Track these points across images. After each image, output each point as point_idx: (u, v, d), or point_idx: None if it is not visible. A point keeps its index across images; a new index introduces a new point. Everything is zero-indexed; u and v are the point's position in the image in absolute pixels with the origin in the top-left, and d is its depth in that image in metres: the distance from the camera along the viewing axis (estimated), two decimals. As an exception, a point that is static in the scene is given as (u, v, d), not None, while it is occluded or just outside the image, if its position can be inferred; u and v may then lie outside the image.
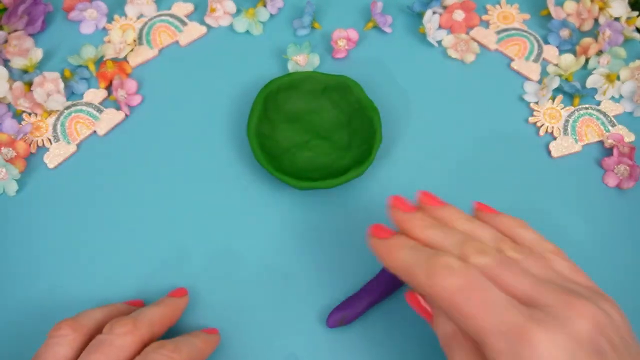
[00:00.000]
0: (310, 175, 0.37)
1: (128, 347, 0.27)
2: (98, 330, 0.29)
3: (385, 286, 0.33)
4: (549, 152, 0.40)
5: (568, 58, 0.43)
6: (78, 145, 0.40)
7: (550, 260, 0.27)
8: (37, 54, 0.42)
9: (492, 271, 0.25)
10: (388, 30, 0.45)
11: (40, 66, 0.43)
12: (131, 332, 0.28)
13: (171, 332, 0.32)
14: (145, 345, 0.28)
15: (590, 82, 0.42)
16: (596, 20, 0.46)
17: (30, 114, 0.40)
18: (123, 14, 0.46)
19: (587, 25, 0.45)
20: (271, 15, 0.46)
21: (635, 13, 0.45)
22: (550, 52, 0.44)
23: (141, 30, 0.45)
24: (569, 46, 0.44)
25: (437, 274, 0.25)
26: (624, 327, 0.25)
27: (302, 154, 0.38)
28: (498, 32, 0.45)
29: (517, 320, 0.23)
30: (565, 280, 0.26)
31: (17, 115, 0.41)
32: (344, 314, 0.33)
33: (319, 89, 0.39)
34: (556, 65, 0.44)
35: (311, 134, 0.39)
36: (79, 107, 0.41)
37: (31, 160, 0.39)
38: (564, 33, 0.45)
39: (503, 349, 0.23)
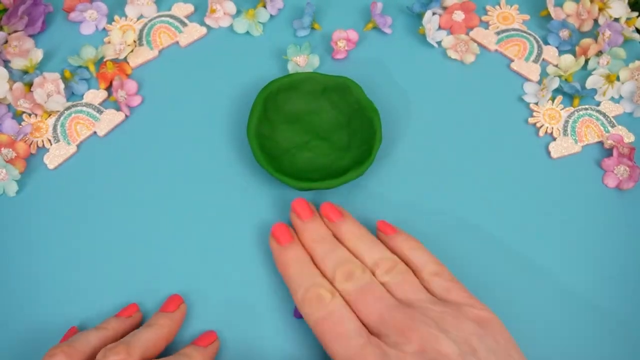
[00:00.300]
0: (310, 176, 0.37)
1: None
2: (92, 356, 0.29)
3: None
4: (549, 153, 0.40)
5: (568, 59, 0.43)
6: (78, 146, 0.40)
7: (426, 282, 0.31)
8: (37, 55, 0.42)
9: (352, 297, 0.30)
10: (388, 31, 0.45)
11: (40, 67, 0.43)
12: None
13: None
14: None
15: (590, 82, 0.42)
16: (596, 20, 0.46)
17: (30, 115, 0.40)
18: (123, 14, 0.46)
19: (587, 26, 0.45)
20: (271, 16, 0.46)
21: (635, 14, 0.45)
22: (550, 52, 0.44)
23: (141, 31, 0.45)
24: (568, 47, 0.44)
25: (308, 303, 0.30)
26: (476, 332, 0.28)
27: (301, 154, 0.38)
28: (498, 33, 0.45)
29: (357, 349, 0.28)
30: (429, 301, 0.30)
31: (17, 116, 0.41)
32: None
33: (319, 89, 0.39)
34: (556, 65, 0.44)
35: (311, 134, 0.39)
36: (79, 108, 0.41)
37: (31, 161, 0.39)
38: (564, 34, 0.45)
39: None
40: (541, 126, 0.41)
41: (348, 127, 0.39)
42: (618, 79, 0.43)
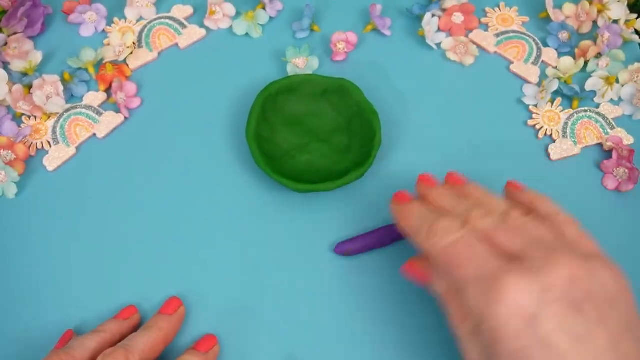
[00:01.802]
0: (310, 178, 0.37)
1: None
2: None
3: (392, 234, 0.36)
4: (548, 155, 0.40)
5: (567, 61, 0.43)
6: (77, 148, 0.40)
7: (560, 227, 0.28)
8: (37, 57, 0.42)
9: (490, 232, 0.27)
10: (387, 32, 0.45)
11: (39, 69, 0.43)
12: None
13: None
14: None
15: (589, 84, 0.42)
16: (595, 22, 0.46)
17: (29, 117, 0.40)
18: (123, 16, 0.46)
19: (586, 28, 0.45)
20: (270, 18, 0.46)
21: (634, 15, 0.45)
22: (549, 54, 0.44)
23: (141, 33, 0.45)
24: (568, 49, 0.44)
25: (435, 235, 0.27)
26: (615, 287, 0.25)
27: (301, 156, 0.38)
28: (497, 35, 0.45)
29: (494, 268, 0.25)
30: (566, 243, 0.27)
31: (17, 118, 0.41)
32: (350, 247, 0.35)
33: (319, 92, 0.39)
34: (555, 67, 0.44)
35: (310, 136, 0.39)
36: (78, 110, 0.41)
37: (30, 163, 0.39)
38: (563, 35, 0.45)
39: (477, 293, 0.25)
40: (540, 128, 0.41)
41: (348, 129, 0.39)
42: (617, 81, 0.43)
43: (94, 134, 0.40)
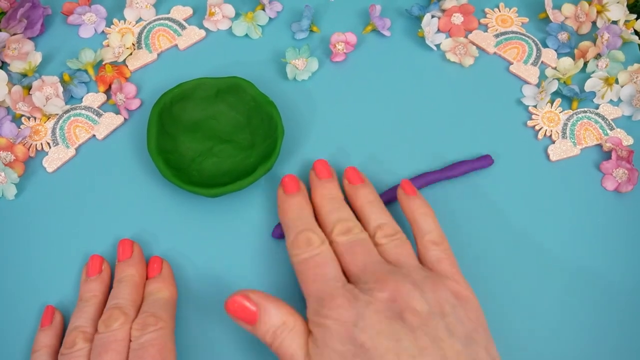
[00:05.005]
0: (220, 181, 0.36)
1: (127, 335, 0.30)
2: (94, 329, 0.31)
3: None
4: (548, 156, 0.40)
5: (566, 61, 0.43)
6: (77, 149, 0.40)
7: (423, 247, 0.32)
8: (36, 58, 0.42)
9: (343, 248, 0.31)
10: (387, 33, 0.45)
11: (39, 70, 0.43)
12: (125, 322, 0.30)
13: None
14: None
15: (588, 85, 0.42)
16: (594, 23, 0.46)
17: (29, 118, 0.40)
18: (122, 18, 0.46)
19: (585, 29, 0.45)
20: (270, 19, 0.46)
21: (633, 16, 0.45)
22: (548, 55, 0.44)
23: (140, 34, 0.45)
24: (567, 49, 0.44)
25: (297, 245, 0.31)
26: (446, 307, 0.28)
27: (208, 161, 0.38)
28: (496, 36, 0.45)
29: (331, 289, 0.29)
30: (416, 267, 0.30)
31: (16, 119, 0.41)
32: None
33: (212, 94, 0.39)
34: (555, 68, 0.44)
35: (213, 140, 0.39)
36: (77, 111, 0.41)
37: (30, 164, 0.39)
38: (562, 36, 0.45)
39: (313, 308, 0.29)
40: (540, 129, 0.41)
41: (249, 125, 0.39)
42: (617, 81, 0.43)
43: (94, 135, 0.40)
